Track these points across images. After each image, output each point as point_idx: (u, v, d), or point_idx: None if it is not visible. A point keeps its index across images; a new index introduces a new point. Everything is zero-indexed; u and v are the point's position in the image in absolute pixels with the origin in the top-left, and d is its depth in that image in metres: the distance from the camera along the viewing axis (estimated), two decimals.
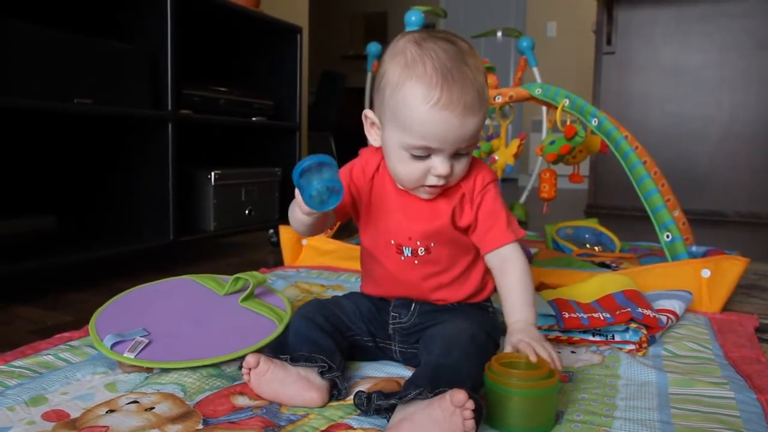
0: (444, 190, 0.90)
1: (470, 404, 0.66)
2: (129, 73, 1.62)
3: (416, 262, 0.92)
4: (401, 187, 0.92)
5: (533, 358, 0.77)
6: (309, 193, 0.77)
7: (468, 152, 0.86)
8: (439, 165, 0.83)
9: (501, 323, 0.93)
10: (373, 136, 0.92)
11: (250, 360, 0.81)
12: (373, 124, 0.91)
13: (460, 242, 0.92)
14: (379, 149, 0.93)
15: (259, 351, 0.86)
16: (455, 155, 0.85)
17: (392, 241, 0.92)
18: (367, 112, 0.91)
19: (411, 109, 0.80)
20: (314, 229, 0.91)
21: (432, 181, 0.85)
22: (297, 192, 0.80)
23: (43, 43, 1.38)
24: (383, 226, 0.93)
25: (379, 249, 0.94)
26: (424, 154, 0.83)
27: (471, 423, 0.67)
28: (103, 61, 1.55)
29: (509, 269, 0.90)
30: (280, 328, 0.99)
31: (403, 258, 0.92)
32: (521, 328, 0.84)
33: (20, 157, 1.80)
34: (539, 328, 1.07)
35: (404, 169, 0.86)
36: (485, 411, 0.73)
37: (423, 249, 0.91)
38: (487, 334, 0.87)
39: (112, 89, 1.57)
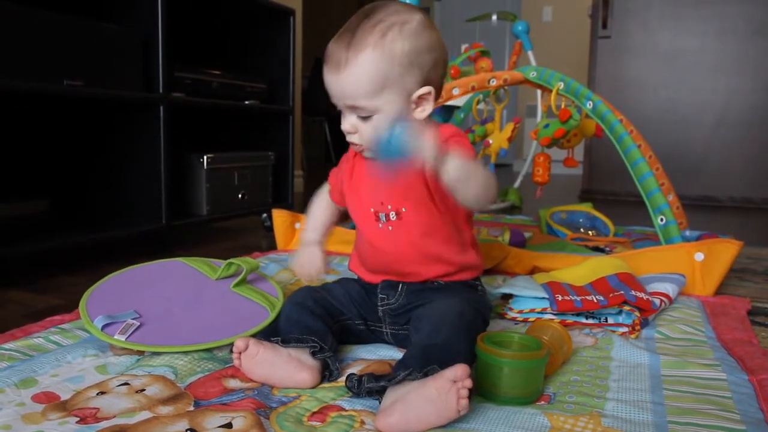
0: None
1: (468, 383, 0.67)
2: (120, 55, 1.60)
3: (390, 228, 0.92)
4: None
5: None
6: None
7: (371, 115, 0.85)
8: (342, 121, 0.89)
9: (490, 301, 0.93)
10: None
11: (239, 344, 0.81)
12: None
13: (432, 211, 0.91)
14: None
15: (251, 337, 0.86)
16: (361, 117, 0.86)
17: (371, 209, 0.94)
18: None
19: None
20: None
21: (347, 137, 0.90)
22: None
23: (32, 24, 1.36)
24: (362, 194, 0.96)
25: (361, 219, 0.96)
26: (338, 110, 0.89)
27: (465, 402, 0.67)
28: (94, 42, 1.53)
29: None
30: (272, 315, 0.98)
31: (380, 225, 0.93)
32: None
33: (12, 140, 1.78)
34: (531, 311, 1.09)
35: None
36: (475, 381, 0.74)
37: (394, 213, 0.92)
38: (476, 310, 0.87)
39: (103, 71, 1.55)
